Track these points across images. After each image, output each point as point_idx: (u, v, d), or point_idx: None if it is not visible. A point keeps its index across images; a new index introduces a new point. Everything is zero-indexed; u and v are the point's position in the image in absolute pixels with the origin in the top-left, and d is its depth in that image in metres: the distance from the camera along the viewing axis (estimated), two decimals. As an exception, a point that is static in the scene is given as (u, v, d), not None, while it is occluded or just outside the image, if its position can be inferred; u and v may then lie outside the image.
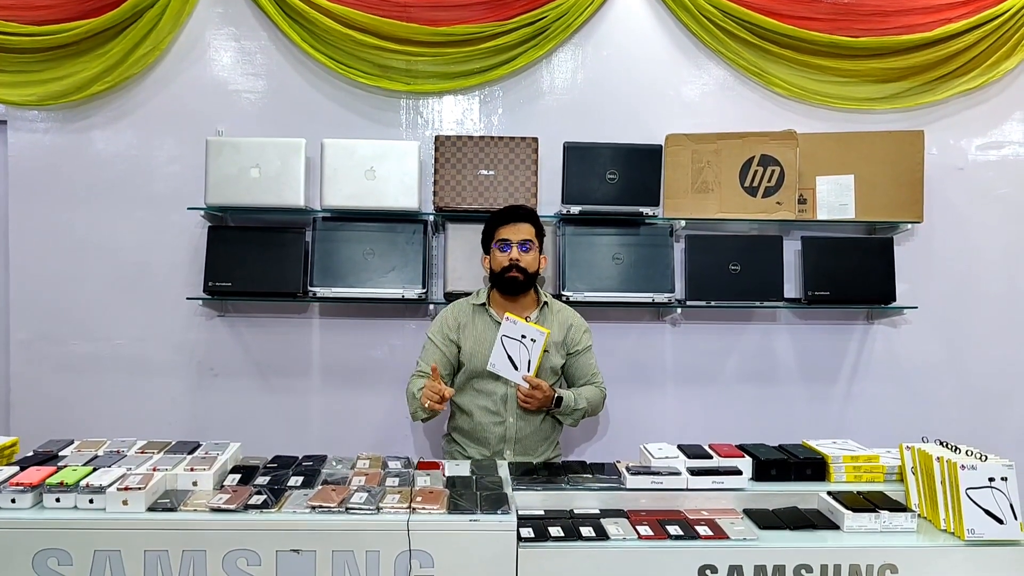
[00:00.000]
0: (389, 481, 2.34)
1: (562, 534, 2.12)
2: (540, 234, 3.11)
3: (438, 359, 3.00)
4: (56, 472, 2.21)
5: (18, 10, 3.48)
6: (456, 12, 3.59)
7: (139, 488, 2.11)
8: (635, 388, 3.77)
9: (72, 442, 2.58)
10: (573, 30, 3.68)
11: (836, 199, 3.60)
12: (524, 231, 3.04)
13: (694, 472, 2.43)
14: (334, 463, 2.50)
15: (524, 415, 3.01)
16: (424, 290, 3.45)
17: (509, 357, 2.85)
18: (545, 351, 2.94)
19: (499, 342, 2.86)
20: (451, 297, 3.46)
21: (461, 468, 2.55)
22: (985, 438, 3.67)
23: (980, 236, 3.85)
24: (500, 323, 2.94)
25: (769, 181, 3.57)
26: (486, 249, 3.13)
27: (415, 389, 2.92)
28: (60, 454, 2.46)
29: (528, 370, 2.84)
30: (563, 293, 3.46)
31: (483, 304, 3.08)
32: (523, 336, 2.83)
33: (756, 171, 3.57)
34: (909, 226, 3.70)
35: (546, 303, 3.12)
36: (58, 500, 2.11)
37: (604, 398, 3.16)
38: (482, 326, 3.05)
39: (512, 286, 3.00)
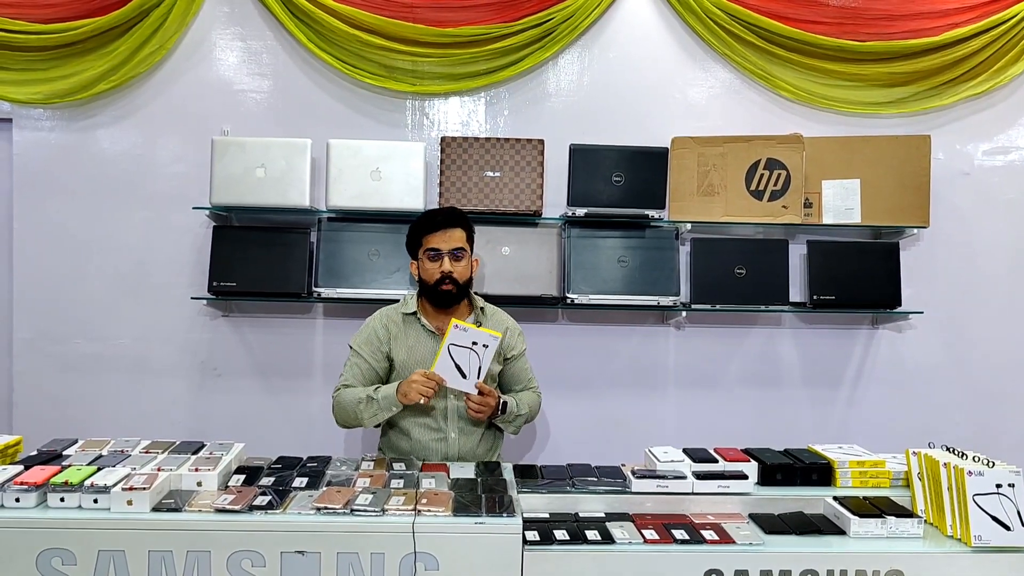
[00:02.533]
0: (394, 483, 2.33)
1: (567, 537, 2.12)
2: (471, 237, 2.91)
3: (366, 372, 2.83)
4: (60, 471, 2.21)
5: (24, 8, 3.47)
6: (463, 13, 3.58)
7: (144, 488, 2.10)
8: (639, 391, 3.76)
9: (76, 441, 2.57)
10: (580, 32, 3.67)
11: (842, 203, 3.59)
12: (455, 238, 2.82)
13: (699, 476, 2.42)
14: (338, 464, 2.49)
15: (467, 428, 2.85)
16: (429, 291, 3.44)
17: (457, 366, 2.67)
18: (501, 359, 2.89)
19: (445, 352, 2.66)
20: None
21: (466, 470, 2.54)
22: (991, 443, 3.67)
23: (986, 241, 3.85)
24: (433, 332, 2.83)
25: (775, 185, 3.56)
26: (412, 255, 2.91)
27: (354, 397, 2.74)
28: (64, 453, 2.46)
29: (479, 377, 2.67)
30: (567, 295, 3.46)
31: (413, 313, 2.88)
32: (474, 343, 2.65)
33: (762, 174, 3.56)
34: (915, 231, 3.70)
35: (481, 308, 2.94)
36: (62, 500, 2.10)
37: (540, 403, 3.05)
38: (414, 337, 2.86)
39: (445, 299, 2.81)
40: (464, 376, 2.68)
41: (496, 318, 2.99)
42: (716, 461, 2.55)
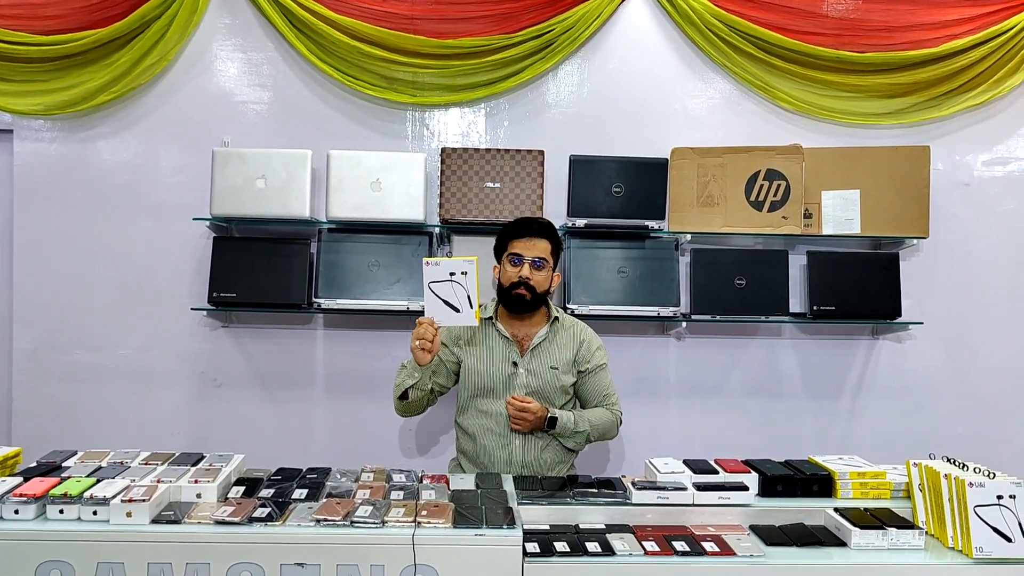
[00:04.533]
0: (394, 494, 2.32)
1: (568, 549, 2.11)
2: (557, 251, 2.92)
3: (434, 364, 2.80)
4: (60, 483, 2.20)
5: (26, 20, 3.48)
6: (463, 24, 3.60)
7: (143, 500, 2.09)
8: (640, 402, 3.75)
9: (76, 453, 2.56)
10: (580, 43, 3.68)
11: (842, 214, 3.60)
12: (540, 248, 2.85)
13: (700, 487, 2.41)
14: (338, 476, 2.48)
15: (530, 438, 2.85)
16: (429, 302, 3.45)
17: (446, 303, 2.61)
18: (575, 371, 2.90)
19: (428, 292, 2.61)
20: (456, 309, 3.46)
21: (466, 482, 2.53)
22: (991, 454, 3.67)
23: (985, 252, 3.85)
24: (508, 339, 2.87)
25: (775, 195, 3.57)
26: (498, 258, 2.95)
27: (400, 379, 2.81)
28: (64, 465, 2.45)
29: (472, 306, 2.60)
30: (568, 306, 3.46)
31: (490, 318, 2.92)
32: (452, 274, 2.59)
33: (762, 185, 3.57)
34: (915, 241, 3.70)
35: (556, 318, 2.95)
36: (61, 511, 2.09)
37: (618, 423, 2.96)
38: (489, 341, 2.90)
39: (518, 304, 2.84)
40: (457, 310, 2.61)
41: (572, 330, 2.98)
42: (716, 472, 2.54)
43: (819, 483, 2.51)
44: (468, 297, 2.59)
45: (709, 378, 3.80)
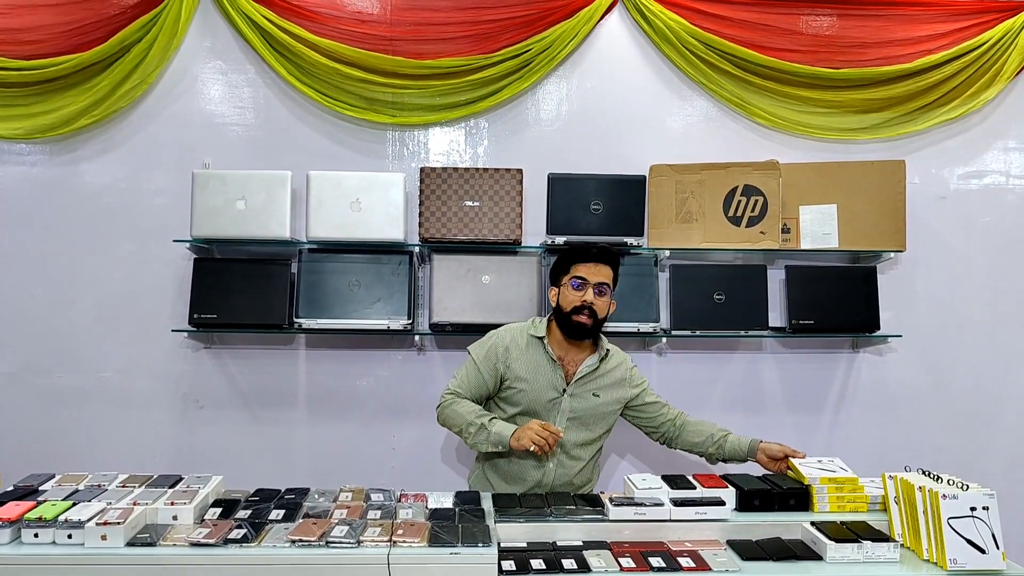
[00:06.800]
0: (371, 514, 2.33)
1: (544, 567, 2.11)
2: (616, 278, 2.90)
3: (478, 386, 2.85)
4: (35, 507, 2.20)
5: (6, 45, 3.49)
6: (441, 45, 3.62)
7: (118, 523, 2.09)
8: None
9: (53, 476, 2.56)
10: (558, 62, 3.71)
11: (819, 228, 3.62)
12: (603, 273, 2.83)
13: (677, 503, 2.42)
14: (316, 496, 2.49)
15: (565, 462, 2.86)
16: (410, 321, 3.46)
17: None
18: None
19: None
20: (437, 328, 3.47)
21: (444, 500, 2.54)
22: (971, 465, 3.70)
23: (962, 264, 3.88)
24: (554, 361, 2.84)
25: (753, 211, 3.59)
26: (554, 281, 2.90)
27: (466, 418, 2.75)
28: (41, 488, 2.44)
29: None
30: (549, 323, 3.46)
31: (541, 337, 2.87)
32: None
33: (740, 201, 3.59)
34: (892, 255, 3.72)
35: (608, 352, 2.92)
36: (36, 535, 2.09)
37: None
38: (537, 359, 2.85)
39: (578, 331, 2.80)
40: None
41: (616, 359, 2.98)
42: (694, 487, 2.55)
43: (796, 497, 2.52)
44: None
45: (690, 393, 3.79)
